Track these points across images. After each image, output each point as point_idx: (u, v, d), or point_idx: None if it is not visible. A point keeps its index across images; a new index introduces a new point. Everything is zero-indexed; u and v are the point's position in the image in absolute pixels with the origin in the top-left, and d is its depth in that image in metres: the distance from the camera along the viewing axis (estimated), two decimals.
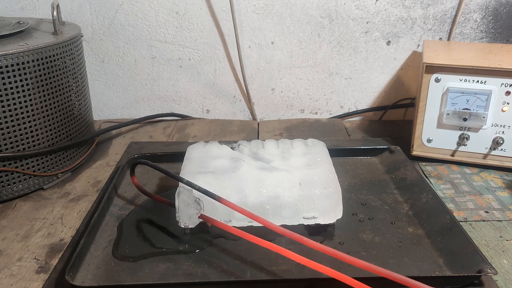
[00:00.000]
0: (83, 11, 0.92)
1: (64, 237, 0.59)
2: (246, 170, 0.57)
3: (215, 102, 1.00)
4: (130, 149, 0.79)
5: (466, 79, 0.70)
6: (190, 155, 0.62)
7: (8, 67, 0.61)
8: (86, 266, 0.51)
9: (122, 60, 0.96)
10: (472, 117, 0.71)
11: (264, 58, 0.96)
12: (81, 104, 0.75)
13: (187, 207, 0.53)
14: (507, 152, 0.72)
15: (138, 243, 0.56)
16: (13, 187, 0.66)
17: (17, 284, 0.51)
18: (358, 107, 1.00)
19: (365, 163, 0.75)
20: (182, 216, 0.54)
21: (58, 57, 0.68)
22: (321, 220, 0.56)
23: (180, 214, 0.54)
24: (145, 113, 0.99)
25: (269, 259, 0.52)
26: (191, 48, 0.95)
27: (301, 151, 0.62)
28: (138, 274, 0.51)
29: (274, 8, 0.92)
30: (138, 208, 0.63)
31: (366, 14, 0.92)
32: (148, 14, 0.92)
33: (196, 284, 0.49)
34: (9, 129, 0.63)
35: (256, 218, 0.51)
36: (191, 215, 0.54)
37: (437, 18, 0.91)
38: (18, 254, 0.55)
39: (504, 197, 0.67)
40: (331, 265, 0.46)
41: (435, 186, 0.69)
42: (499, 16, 0.90)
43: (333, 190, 0.56)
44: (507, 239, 0.57)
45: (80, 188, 0.70)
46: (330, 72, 0.97)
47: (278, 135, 0.90)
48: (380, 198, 0.65)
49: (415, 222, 0.60)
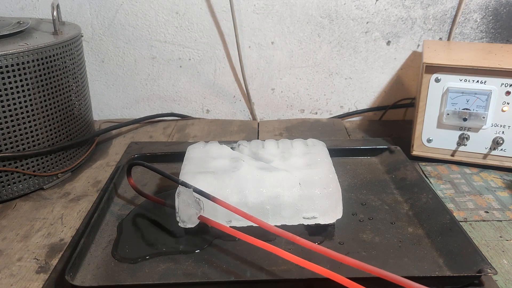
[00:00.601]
0: (83, 11, 0.92)
1: (64, 237, 0.59)
2: (246, 170, 0.57)
3: (215, 102, 1.00)
4: (130, 149, 0.79)
5: (466, 79, 0.70)
6: (190, 155, 0.62)
7: (8, 67, 0.61)
8: (86, 266, 0.51)
9: (122, 60, 0.96)
10: (472, 117, 0.71)
11: (264, 58, 0.96)
12: (81, 104, 0.75)
13: (187, 207, 0.53)
14: (507, 152, 0.72)
15: (138, 243, 0.56)
16: (13, 187, 0.66)
17: (17, 284, 0.51)
18: (358, 107, 1.00)
19: (365, 163, 0.75)
20: (182, 216, 0.54)
21: (58, 57, 0.68)
22: (321, 220, 0.56)
23: (180, 214, 0.54)
24: (145, 113, 0.99)
25: (269, 259, 0.52)
26: (191, 48, 0.95)
27: (301, 151, 0.62)
28: (138, 274, 0.51)
29: (274, 8, 0.92)
30: (138, 208, 0.63)
31: (366, 14, 0.92)
32: (148, 14, 0.92)
33: (196, 284, 0.49)
34: (9, 129, 0.63)
35: (250, 218, 0.52)
36: (191, 215, 0.54)
37: (437, 18, 0.91)
38: (18, 254, 0.55)
39: (504, 197, 0.67)
40: (331, 266, 0.46)
41: (435, 186, 0.69)
42: (499, 16, 0.90)
43: (333, 190, 0.56)
44: (507, 239, 0.57)
45: (80, 188, 0.70)
46: (330, 72, 0.97)
47: (278, 135, 0.90)
48: (380, 198, 0.65)
49: (415, 222, 0.60)
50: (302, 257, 0.52)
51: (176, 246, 0.55)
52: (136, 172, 0.73)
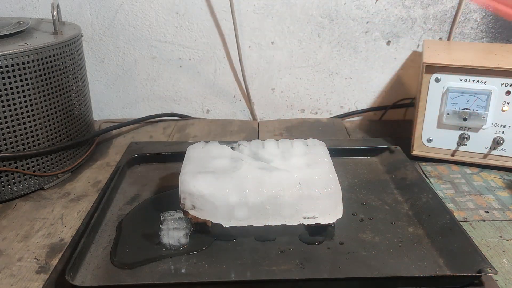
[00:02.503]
0: (83, 11, 0.92)
1: (64, 237, 0.59)
2: (246, 170, 0.57)
3: (215, 102, 1.00)
4: (130, 149, 0.79)
5: (466, 79, 0.70)
6: (190, 155, 0.62)
7: (8, 67, 0.61)
8: (86, 266, 0.51)
9: (122, 60, 0.96)
10: (472, 117, 0.71)
11: (264, 58, 0.96)
12: (81, 104, 0.75)
13: (174, 231, 0.54)
14: (507, 152, 0.72)
15: (138, 243, 0.56)
16: (13, 187, 0.66)
17: (17, 284, 0.51)
18: (358, 107, 1.00)
19: (365, 163, 0.75)
20: (170, 239, 0.54)
21: (58, 57, 0.68)
22: (321, 220, 0.56)
23: (169, 239, 0.54)
24: (145, 113, 0.99)
25: (269, 259, 0.53)
26: (191, 48, 0.95)
27: (301, 151, 0.62)
28: (138, 274, 0.51)
29: (274, 8, 0.92)
30: (138, 208, 0.63)
31: (366, 14, 0.92)
32: (148, 14, 0.92)
33: (196, 284, 0.49)
34: (9, 129, 0.63)
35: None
36: (180, 236, 0.54)
37: (437, 18, 0.91)
38: (18, 254, 0.55)
39: (504, 197, 0.67)
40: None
41: (435, 186, 0.69)
42: (499, 16, 0.90)
43: (333, 190, 0.56)
44: (507, 239, 0.57)
45: (80, 188, 0.70)
46: (330, 72, 0.97)
47: (278, 135, 0.90)
48: (380, 198, 0.65)
49: (415, 222, 0.60)
50: (302, 257, 0.52)
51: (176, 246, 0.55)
52: (136, 172, 0.73)
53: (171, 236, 0.54)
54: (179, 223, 0.55)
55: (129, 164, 0.74)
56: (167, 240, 0.54)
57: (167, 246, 0.54)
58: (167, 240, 0.54)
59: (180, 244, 0.54)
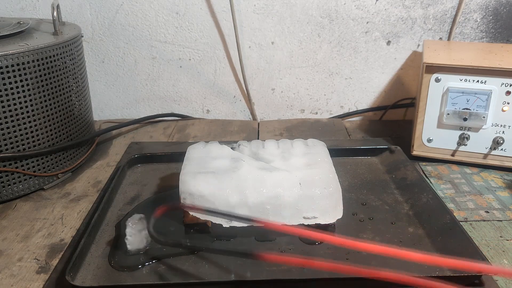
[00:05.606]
0: (83, 11, 0.92)
1: (64, 237, 0.59)
2: (247, 170, 0.57)
3: (215, 102, 1.00)
4: (130, 149, 0.79)
5: (466, 79, 0.70)
6: (190, 155, 0.62)
7: (8, 67, 0.61)
8: (86, 266, 0.51)
9: (122, 60, 0.96)
10: (472, 117, 0.71)
11: (264, 58, 0.96)
12: (81, 104, 0.75)
13: (139, 233, 0.54)
14: (507, 152, 0.72)
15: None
16: (13, 187, 0.66)
17: (18, 284, 0.51)
18: (358, 107, 1.00)
19: (365, 163, 0.75)
20: (134, 243, 0.53)
21: (58, 57, 0.68)
22: (321, 220, 0.56)
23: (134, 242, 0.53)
24: (145, 113, 0.99)
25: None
26: (191, 48, 0.95)
27: (301, 151, 0.62)
28: (138, 274, 0.51)
29: (274, 8, 0.92)
30: (138, 208, 0.63)
31: (366, 14, 0.92)
32: (148, 14, 0.92)
33: (196, 284, 0.49)
34: (9, 129, 0.63)
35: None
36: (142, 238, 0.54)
37: (437, 18, 0.91)
38: (19, 254, 0.55)
39: (504, 197, 0.67)
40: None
41: (435, 186, 0.69)
42: (499, 16, 0.90)
43: (333, 190, 0.56)
44: (507, 239, 0.57)
45: (81, 188, 0.70)
46: (330, 72, 0.97)
47: (278, 135, 0.90)
48: (380, 198, 0.65)
49: (415, 222, 0.60)
50: (303, 257, 0.52)
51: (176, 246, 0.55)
52: (136, 172, 0.73)
53: (137, 240, 0.53)
54: (142, 223, 0.54)
55: (129, 164, 0.74)
56: (137, 245, 0.53)
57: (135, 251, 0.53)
58: (137, 245, 0.53)
59: (146, 244, 0.54)
